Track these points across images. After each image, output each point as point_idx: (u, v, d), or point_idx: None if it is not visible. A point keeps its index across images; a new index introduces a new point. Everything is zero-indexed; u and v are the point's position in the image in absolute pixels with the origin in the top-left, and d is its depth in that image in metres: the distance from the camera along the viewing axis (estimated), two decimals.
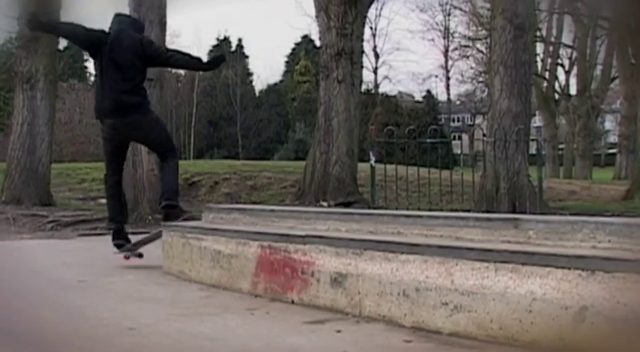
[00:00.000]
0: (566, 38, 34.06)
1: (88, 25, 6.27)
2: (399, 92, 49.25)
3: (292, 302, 4.42)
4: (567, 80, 35.50)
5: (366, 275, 3.97)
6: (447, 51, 46.94)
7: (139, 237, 6.62)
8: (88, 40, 6.26)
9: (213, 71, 45.77)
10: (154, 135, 6.43)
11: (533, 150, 12.36)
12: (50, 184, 13.53)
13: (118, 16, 6.52)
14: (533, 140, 12.69)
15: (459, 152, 30.54)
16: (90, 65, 45.96)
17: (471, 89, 47.39)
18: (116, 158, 6.47)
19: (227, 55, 6.98)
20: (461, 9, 40.28)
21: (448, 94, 50.09)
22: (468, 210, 10.26)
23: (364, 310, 3.97)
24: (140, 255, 6.42)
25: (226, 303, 4.55)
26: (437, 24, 46.86)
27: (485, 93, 38.13)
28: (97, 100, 6.38)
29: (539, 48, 33.58)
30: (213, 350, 3.43)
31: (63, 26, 6.69)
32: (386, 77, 49.46)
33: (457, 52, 43.99)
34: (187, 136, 43.14)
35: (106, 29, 6.28)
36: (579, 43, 32.32)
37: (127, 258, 6.40)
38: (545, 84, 34.45)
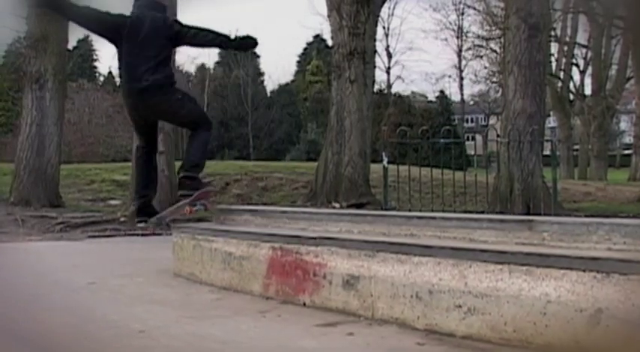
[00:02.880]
0: (581, 38, 33.89)
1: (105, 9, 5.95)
2: (412, 92, 49.21)
3: (304, 304, 4.39)
4: (582, 80, 35.31)
5: (379, 278, 3.94)
6: (460, 51, 46.83)
7: (150, 239, 6.60)
8: (103, 24, 5.84)
9: (224, 71, 45.95)
10: (181, 117, 5.93)
11: (547, 151, 12.31)
12: (59, 185, 13.54)
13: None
14: (547, 141, 12.63)
15: (472, 153, 30.52)
16: (99, 65, 46.23)
17: (485, 89, 47.26)
18: (145, 135, 6.04)
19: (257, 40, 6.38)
20: (474, 8, 40.13)
21: (462, 94, 49.97)
22: (482, 212, 10.21)
23: (377, 312, 3.94)
24: (168, 225, 6.08)
25: (237, 306, 4.52)
26: (450, 23, 46.76)
27: (499, 93, 37.95)
28: (121, 84, 5.97)
29: (554, 48, 33.39)
30: None
31: (74, 8, 6.01)
32: (399, 77, 49.36)
33: (471, 52, 43.83)
34: None
35: (127, 13, 5.94)
36: (594, 43, 32.14)
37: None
38: (559, 84, 34.26)
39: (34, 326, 4.00)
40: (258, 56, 48.43)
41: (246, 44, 6.06)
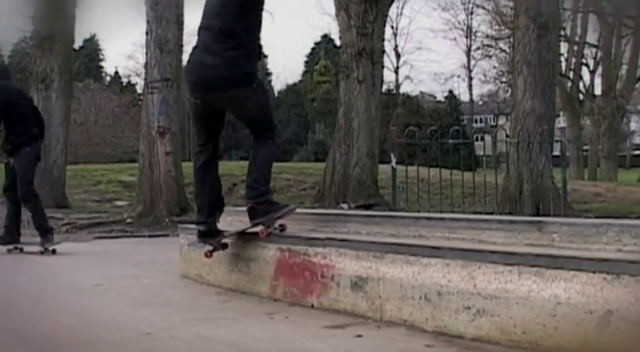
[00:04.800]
0: (591, 37, 33.81)
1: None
2: (421, 92, 49.27)
3: (312, 306, 4.37)
4: (592, 80, 35.23)
5: (387, 279, 3.91)
6: (469, 50, 46.84)
7: (157, 240, 6.59)
8: None
9: None
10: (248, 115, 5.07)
11: (557, 152, 12.25)
12: (65, 186, 13.55)
13: None
14: (557, 141, 12.58)
15: (481, 153, 30.45)
16: (106, 65, 46.41)
17: (494, 89, 47.24)
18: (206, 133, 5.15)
19: None
20: (483, 8, 40.15)
21: (471, 95, 49.98)
22: (491, 213, 10.17)
23: (385, 314, 3.91)
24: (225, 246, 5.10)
25: (245, 307, 4.50)
26: (459, 23, 46.82)
27: (509, 93, 37.89)
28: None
29: (564, 47, 33.31)
30: None
31: None
32: (407, 77, 49.44)
33: (480, 52, 43.87)
34: None
35: None
36: (604, 43, 32.05)
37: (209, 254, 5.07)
38: (569, 84, 34.19)
39: (39, 328, 3.99)
40: (265, 56, 48.53)
41: None
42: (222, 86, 4.68)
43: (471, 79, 48.41)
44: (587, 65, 35.48)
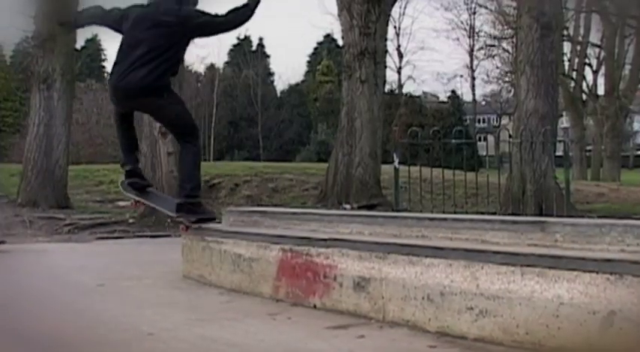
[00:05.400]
0: (594, 37, 33.76)
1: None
2: (424, 92, 49.24)
3: (314, 306, 4.37)
4: (595, 80, 35.17)
5: (390, 280, 3.91)
6: (472, 50, 46.74)
7: (159, 240, 6.58)
8: (106, 21, 5.81)
9: (234, 71, 46.06)
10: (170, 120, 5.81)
11: (560, 152, 12.23)
12: (67, 186, 13.54)
13: None
14: (560, 141, 12.58)
15: (484, 153, 30.42)
16: (108, 65, 46.42)
17: (497, 89, 47.21)
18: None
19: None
20: (486, 7, 40.05)
21: (473, 95, 49.88)
22: (494, 213, 10.16)
23: (388, 315, 3.91)
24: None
25: (247, 308, 4.50)
26: (462, 23, 46.71)
27: (512, 93, 37.97)
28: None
29: (567, 47, 33.29)
30: None
31: (86, 15, 6.15)
32: (410, 77, 49.31)
33: (482, 52, 43.78)
34: (207, 137, 43.24)
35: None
36: (607, 42, 32.00)
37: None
38: (572, 84, 34.13)
39: (42, 328, 3.99)
40: (268, 56, 48.59)
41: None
42: (138, 95, 5.42)
43: (473, 78, 48.35)
44: (590, 65, 35.43)
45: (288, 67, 78.67)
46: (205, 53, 73.50)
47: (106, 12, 5.83)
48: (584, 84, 35.01)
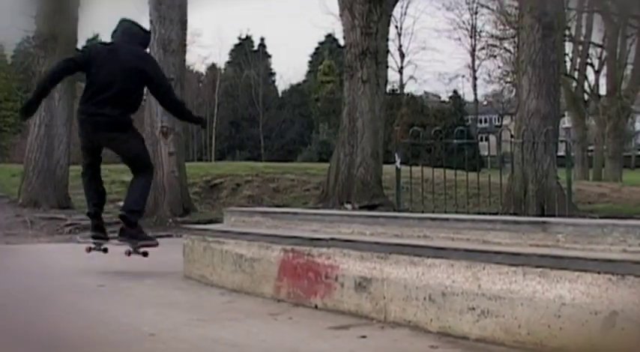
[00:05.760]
0: (596, 37, 33.71)
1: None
2: (425, 92, 49.22)
3: (316, 307, 4.36)
4: (597, 80, 35.14)
5: (392, 280, 3.90)
6: (473, 50, 46.77)
7: (160, 240, 6.58)
8: (75, 68, 6.30)
9: (235, 71, 46.13)
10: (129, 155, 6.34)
11: (562, 152, 12.22)
12: (68, 186, 13.51)
13: (123, 22, 6.38)
14: (562, 141, 12.58)
15: (486, 153, 30.38)
16: None
17: (499, 89, 47.17)
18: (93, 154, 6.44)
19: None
20: (488, 7, 40.05)
21: (475, 95, 49.87)
22: (496, 213, 10.13)
23: (389, 315, 3.90)
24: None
25: (248, 308, 4.49)
26: (464, 23, 46.75)
27: (513, 93, 37.88)
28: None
29: (568, 47, 33.27)
30: None
31: (52, 79, 6.52)
32: (411, 77, 49.43)
33: (484, 52, 43.77)
34: (209, 137, 43.31)
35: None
36: (609, 42, 31.97)
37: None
38: (574, 84, 34.10)
39: (43, 329, 3.99)
40: (269, 56, 48.58)
41: (194, 121, 6.85)
42: (107, 130, 6.05)
43: (475, 78, 48.36)
44: (592, 65, 35.39)
45: (289, 67, 78.79)
46: (207, 53, 73.67)
47: (70, 61, 6.32)
48: (585, 84, 34.98)
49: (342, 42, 18.36)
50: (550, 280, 3.20)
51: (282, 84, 49.92)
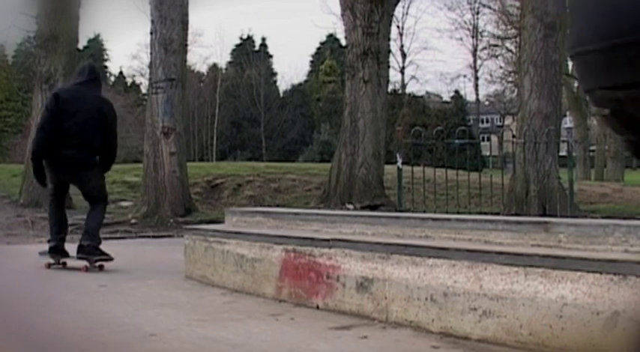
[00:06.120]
0: None
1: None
2: (427, 92, 49.14)
3: (317, 307, 4.36)
4: None
5: (393, 280, 3.89)
6: (475, 50, 46.70)
7: (161, 241, 6.59)
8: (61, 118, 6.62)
9: (236, 71, 46.15)
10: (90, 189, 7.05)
11: (563, 152, 12.18)
12: (69, 187, 13.49)
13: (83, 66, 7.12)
14: (563, 141, 12.52)
15: (487, 154, 30.38)
16: (110, 65, 46.48)
17: (500, 89, 47.07)
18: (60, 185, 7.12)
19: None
20: (490, 7, 40.00)
21: (477, 95, 49.79)
22: (497, 213, 10.13)
23: (391, 315, 3.89)
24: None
25: (250, 308, 4.49)
26: (465, 22, 46.65)
27: (515, 93, 37.78)
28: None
29: None
30: None
31: (47, 144, 6.78)
32: (413, 77, 49.35)
33: (486, 52, 43.70)
34: (210, 137, 43.27)
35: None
36: None
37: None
38: (576, 84, 34.01)
39: (44, 329, 3.98)
40: (271, 56, 48.51)
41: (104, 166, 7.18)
42: (76, 169, 6.81)
43: (477, 78, 48.28)
44: None
45: (291, 67, 78.62)
46: (208, 53, 73.74)
47: (53, 122, 6.62)
48: None
49: (343, 42, 18.37)
50: (552, 280, 3.19)
51: (283, 84, 49.89)
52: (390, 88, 34.88)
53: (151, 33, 12.54)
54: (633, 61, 1.17)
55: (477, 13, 45.22)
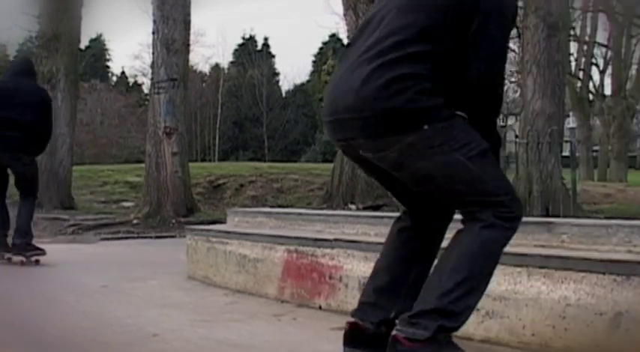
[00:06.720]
0: (601, 37, 33.60)
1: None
2: None
3: (320, 307, 4.35)
4: (602, 80, 35.00)
5: None
6: None
7: (163, 241, 6.59)
8: None
9: (238, 71, 46.15)
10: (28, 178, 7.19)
11: (566, 152, 12.16)
12: (71, 187, 13.51)
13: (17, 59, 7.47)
14: (566, 141, 12.50)
15: None
16: (112, 65, 46.50)
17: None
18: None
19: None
20: None
21: None
22: None
23: None
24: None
25: (252, 309, 4.48)
26: None
27: (518, 93, 37.76)
28: None
29: (573, 47, 33.10)
30: None
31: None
32: None
33: None
34: (212, 138, 43.23)
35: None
36: (614, 42, 31.86)
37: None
38: (579, 84, 33.99)
39: (45, 329, 3.98)
40: (273, 56, 48.47)
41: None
42: (14, 157, 6.96)
43: None
44: (596, 65, 35.26)
45: (293, 67, 78.49)
46: (210, 53, 73.69)
47: None
48: (590, 84, 34.86)
49: (345, 42, 18.30)
50: (555, 281, 3.19)
51: (285, 84, 49.79)
52: None
53: (153, 33, 12.54)
54: (344, 127, 2.79)
55: None
